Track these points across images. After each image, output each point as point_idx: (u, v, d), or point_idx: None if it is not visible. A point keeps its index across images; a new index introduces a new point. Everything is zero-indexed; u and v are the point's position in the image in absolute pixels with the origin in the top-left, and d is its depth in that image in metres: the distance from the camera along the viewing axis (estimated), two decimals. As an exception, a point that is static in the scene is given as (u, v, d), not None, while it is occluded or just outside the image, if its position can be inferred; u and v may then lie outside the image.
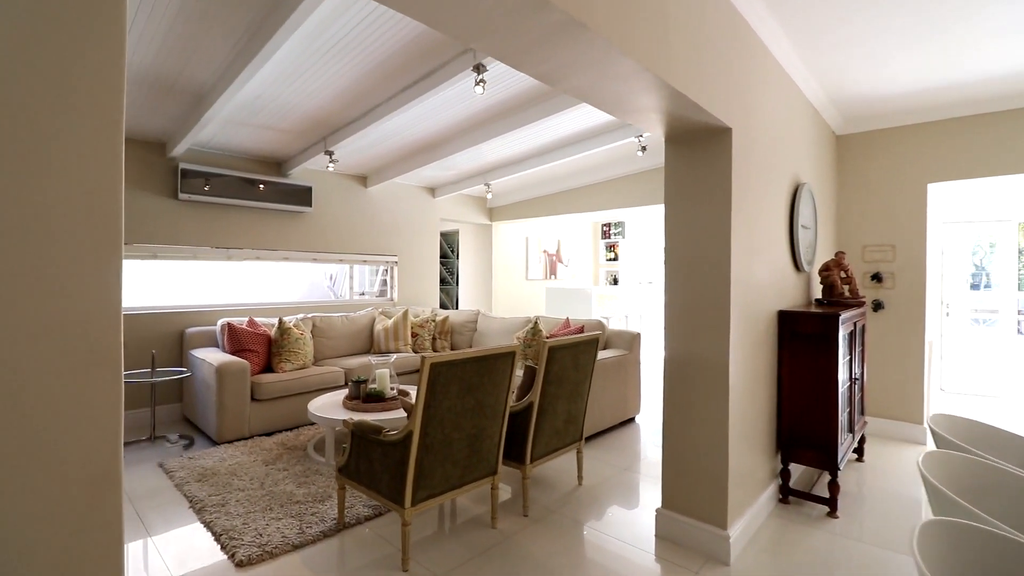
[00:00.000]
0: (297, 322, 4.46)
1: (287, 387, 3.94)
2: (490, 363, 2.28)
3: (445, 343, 5.31)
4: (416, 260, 6.18)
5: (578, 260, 8.95)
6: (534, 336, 4.25)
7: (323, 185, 5.31)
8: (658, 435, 4.05)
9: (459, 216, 6.75)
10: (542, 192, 6.48)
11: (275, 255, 4.95)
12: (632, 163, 5.47)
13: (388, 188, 5.90)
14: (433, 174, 5.74)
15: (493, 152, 5.00)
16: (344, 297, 5.79)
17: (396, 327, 5.00)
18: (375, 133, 4.26)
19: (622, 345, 4.36)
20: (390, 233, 5.91)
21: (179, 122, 3.85)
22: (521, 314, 7.72)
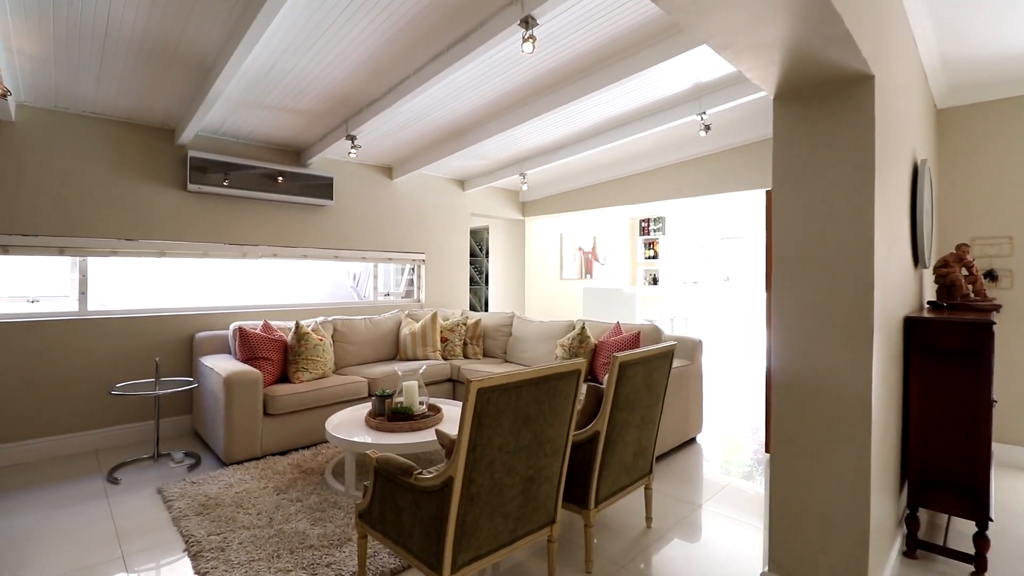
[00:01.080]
0: (316, 326, 4.03)
1: (304, 400, 3.50)
2: (551, 385, 1.77)
3: (477, 348, 4.83)
4: (445, 258, 5.71)
5: (614, 258, 8.37)
6: (581, 344, 3.72)
7: (345, 176, 4.88)
8: (724, 459, 3.47)
9: (490, 211, 6.26)
10: (580, 184, 5.94)
11: (294, 252, 4.53)
12: (686, 148, 4.88)
13: (414, 180, 5.45)
14: (463, 164, 5.26)
15: (529, 138, 4.48)
16: (368, 298, 5.36)
17: (424, 331, 4.53)
18: (401, 115, 3.80)
19: (683, 354, 3.80)
20: (417, 229, 5.45)
21: (186, 102, 3.45)
22: (556, 316, 7.19)
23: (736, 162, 4.61)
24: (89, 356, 3.58)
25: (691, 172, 4.98)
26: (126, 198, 3.73)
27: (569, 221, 7.47)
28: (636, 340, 3.57)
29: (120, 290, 4.15)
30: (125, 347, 3.71)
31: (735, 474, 3.23)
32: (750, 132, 4.42)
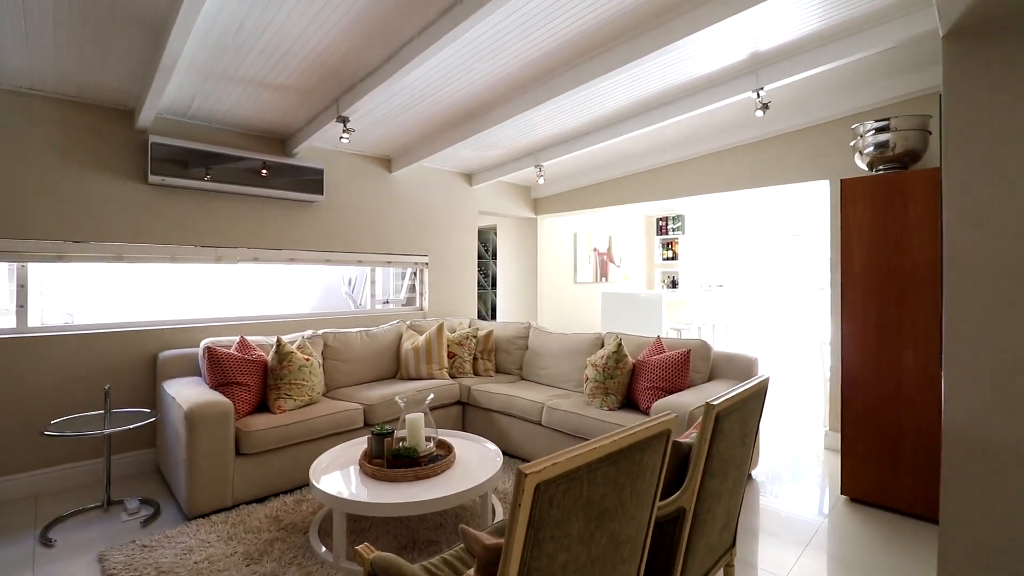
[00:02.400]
0: (303, 342, 3.42)
1: (286, 435, 2.90)
2: (634, 460, 1.18)
3: (489, 364, 4.23)
4: (450, 261, 5.11)
5: (630, 260, 7.78)
6: (618, 364, 3.13)
7: (337, 168, 4.28)
8: (791, 500, 2.88)
9: (499, 208, 5.66)
10: (602, 177, 5.34)
11: (278, 256, 3.93)
12: (730, 134, 4.28)
13: (416, 173, 4.84)
14: (471, 155, 4.66)
15: (548, 123, 3.89)
16: (365, 306, 4.75)
17: (429, 346, 3.93)
18: (401, 94, 3.20)
19: (736, 374, 3.21)
20: (419, 228, 4.85)
21: (140, 72, 2.85)
22: (571, 324, 6.59)
23: (791, 150, 4.02)
24: (29, 382, 2.97)
25: (735, 162, 4.38)
26: (74, 193, 3.12)
27: (583, 220, 6.88)
28: (686, 361, 2.98)
29: (68, 302, 3.54)
30: (73, 371, 3.10)
31: (810, 522, 2.63)
32: (808, 114, 3.82)
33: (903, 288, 2.73)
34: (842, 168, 3.74)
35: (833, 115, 3.75)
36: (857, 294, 2.88)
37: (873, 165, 2.95)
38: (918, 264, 2.68)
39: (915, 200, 2.69)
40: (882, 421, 2.80)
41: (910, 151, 2.82)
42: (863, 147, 2.95)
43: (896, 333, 2.75)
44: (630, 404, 3.20)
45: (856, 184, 2.88)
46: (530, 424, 3.38)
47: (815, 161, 3.88)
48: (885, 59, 3.16)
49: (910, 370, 2.72)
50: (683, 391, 2.95)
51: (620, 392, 3.13)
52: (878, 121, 2.87)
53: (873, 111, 3.57)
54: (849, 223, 2.90)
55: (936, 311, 2.63)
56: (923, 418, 2.68)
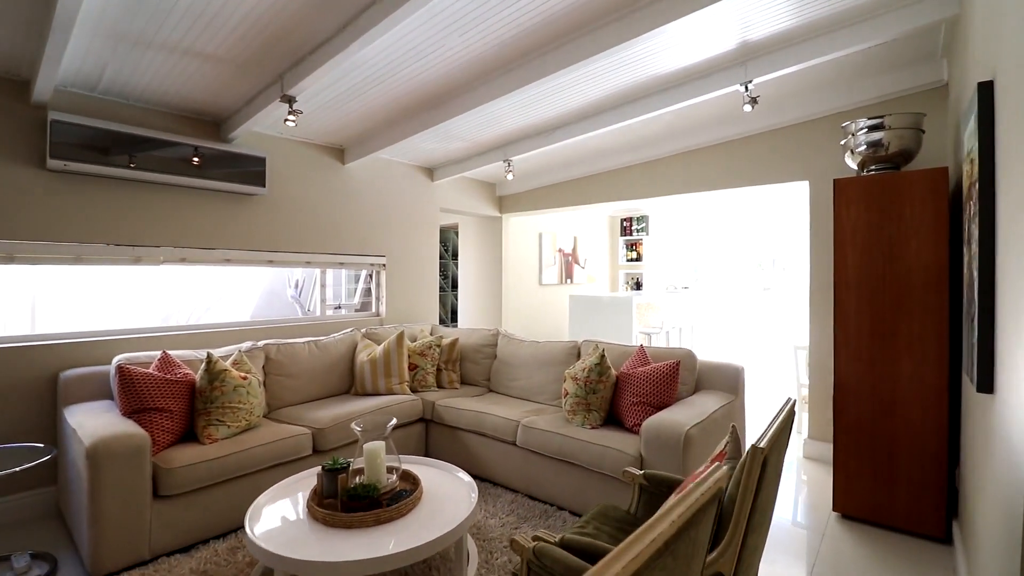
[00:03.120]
0: (240, 356, 2.95)
1: (217, 470, 2.45)
2: (690, 540, 0.87)
3: (453, 375, 3.88)
4: (410, 262, 4.71)
5: (595, 261, 7.60)
6: (600, 377, 2.85)
7: (282, 157, 3.80)
8: (789, 522, 2.69)
9: (463, 205, 5.30)
10: (572, 174, 5.08)
11: (211, 256, 3.42)
12: (710, 130, 4.11)
13: (373, 165, 4.42)
14: (433, 147, 4.29)
15: (516, 115, 3.58)
16: (314, 313, 4.28)
17: (387, 357, 3.53)
18: (356, 74, 2.80)
19: (722, 385, 3.01)
20: (376, 226, 4.42)
21: (33, 31, 2.32)
22: (537, 328, 6.31)
23: (769, 150, 3.88)
24: None
25: (710, 162, 4.22)
26: (-55, 177, 2.54)
27: (549, 219, 6.62)
28: (675, 374, 2.74)
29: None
30: (-57, 396, 2.52)
31: (804, 541, 2.44)
32: (786, 113, 3.69)
33: (899, 294, 2.59)
34: (821, 168, 3.63)
35: (811, 114, 3.64)
36: (850, 300, 2.73)
37: (865, 165, 2.82)
38: (915, 269, 2.55)
39: (912, 202, 2.56)
40: (876, 434, 2.66)
41: (904, 151, 2.69)
42: (855, 146, 2.81)
43: (891, 341, 2.61)
44: (613, 420, 2.93)
45: (850, 184, 2.73)
46: (503, 444, 3.06)
47: (793, 161, 3.76)
48: (865, 57, 3.04)
49: (906, 380, 2.58)
50: (672, 406, 2.71)
51: (603, 408, 2.86)
52: (871, 119, 2.73)
53: (854, 111, 3.47)
54: (843, 225, 2.75)
55: (934, 318, 2.50)
56: (919, 431, 2.55)
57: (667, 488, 1.89)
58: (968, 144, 1.85)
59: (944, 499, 2.50)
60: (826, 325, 3.59)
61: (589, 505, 2.65)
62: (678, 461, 2.34)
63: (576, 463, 2.67)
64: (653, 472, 1.92)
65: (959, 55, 2.49)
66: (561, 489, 2.76)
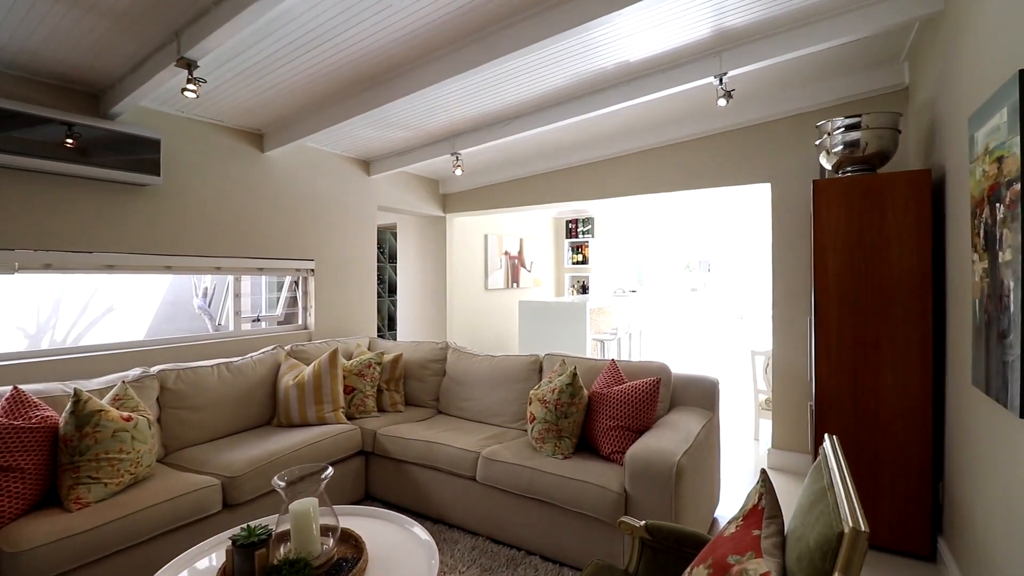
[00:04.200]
0: (123, 390, 2.33)
1: (90, 546, 1.85)
2: None
3: (397, 395, 3.40)
4: (344, 267, 4.15)
5: (540, 264, 7.32)
6: (572, 399, 2.50)
7: (183, 140, 3.15)
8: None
9: (403, 203, 4.80)
10: (524, 172, 4.73)
11: (87, 262, 2.73)
12: (671, 129, 3.90)
13: (299, 154, 3.83)
14: (371, 136, 3.78)
15: (468, 100, 3.19)
16: (227, 328, 3.62)
17: (318, 380, 3.00)
18: (279, 35, 2.28)
19: (698, 401, 2.77)
20: (303, 225, 3.84)
21: None
22: (484, 337, 5.92)
23: (734, 149, 3.73)
24: None
25: (671, 162, 4.02)
26: None
27: (494, 220, 6.25)
28: (655, 393, 2.45)
29: None
30: None
31: None
32: (747, 112, 3.55)
33: (882, 301, 2.46)
34: (783, 170, 3.53)
35: (773, 114, 3.52)
36: (831, 307, 2.57)
37: (841, 166, 2.68)
38: (898, 275, 2.43)
39: (895, 205, 2.43)
40: (859, 449, 2.52)
41: (881, 152, 2.57)
42: (831, 146, 2.67)
43: (874, 351, 2.48)
44: (586, 446, 2.61)
45: (830, 186, 2.57)
46: (460, 480, 2.64)
47: (755, 163, 3.63)
48: (827, 58, 2.94)
49: (889, 392, 2.46)
50: (652, 429, 2.42)
51: (575, 433, 2.52)
52: (848, 118, 2.60)
53: (815, 112, 3.39)
54: (823, 229, 2.59)
55: (918, 327, 2.39)
56: (903, 445, 2.43)
57: (675, 543, 1.57)
58: (986, 141, 1.69)
59: (929, 515, 2.39)
60: (790, 332, 3.49)
61: (564, 549, 2.30)
62: (669, 496, 2.05)
63: (549, 501, 2.31)
64: (659, 524, 1.59)
65: (935, 55, 2.40)
66: (531, 531, 2.39)
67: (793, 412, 3.48)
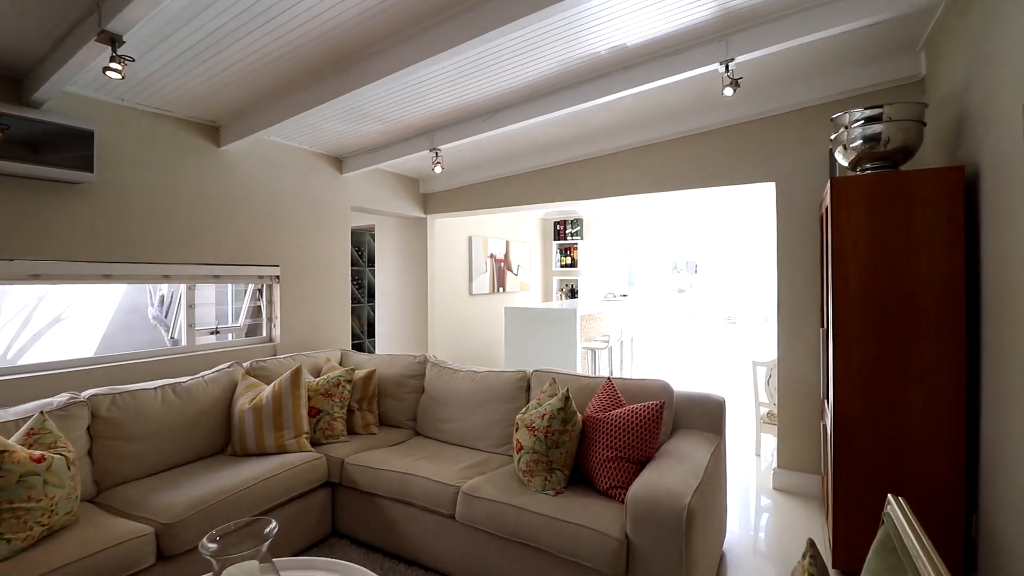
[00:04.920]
0: (40, 423, 1.98)
1: (-27, 624, 1.51)
2: None
3: (370, 415, 3.08)
4: (313, 273, 3.81)
5: (527, 267, 7.03)
6: (565, 426, 2.21)
7: (123, 131, 2.80)
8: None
9: (380, 204, 4.47)
10: (511, 170, 4.43)
11: (7, 271, 2.37)
12: (667, 124, 3.62)
13: (261, 150, 3.49)
14: (341, 129, 3.45)
15: (448, 88, 2.88)
16: (180, 342, 3.26)
17: (278, 402, 2.67)
18: (222, 5, 1.95)
19: (703, 423, 2.50)
20: (266, 228, 3.50)
21: None
22: (470, 346, 5.60)
23: (735, 146, 3.47)
24: None
25: (668, 160, 3.75)
26: None
27: (479, 222, 5.94)
28: (658, 419, 2.16)
29: None
30: None
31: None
32: (757, 104, 3.28)
33: (909, 311, 2.20)
34: (788, 169, 3.28)
35: (776, 108, 3.27)
36: (851, 319, 2.31)
37: (859, 163, 2.43)
38: (927, 282, 2.17)
39: (924, 205, 2.18)
40: (883, 477, 2.26)
41: (905, 147, 2.32)
42: (849, 140, 2.41)
43: (900, 367, 2.23)
44: (580, 476, 2.31)
45: (851, 185, 2.31)
46: (438, 517, 2.33)
47: (758, 160, 3.38)
48: (836, 48, 2.70)
49: (917, 413, 2.20)
50: (655, 460, 2.14)
51: (568, 464, 2.23)
52: (869, 109, 2.34)
53: (823, 106, 3.14)
54: (842, 233, 2.33)
55: (949, 342, 2.13)
56: (932, 474, 2.17)
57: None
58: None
59: (961, 552, 2.14)
60: (798, 343, 3.24)
61: (556, 600, 2.00)
62: (679, 544, 1.76)
63: (538, 547, 2.01)
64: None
65: (963, 40, 2.16)
66: (518, 579, 2.09)
67: (800, 429, 3.23)
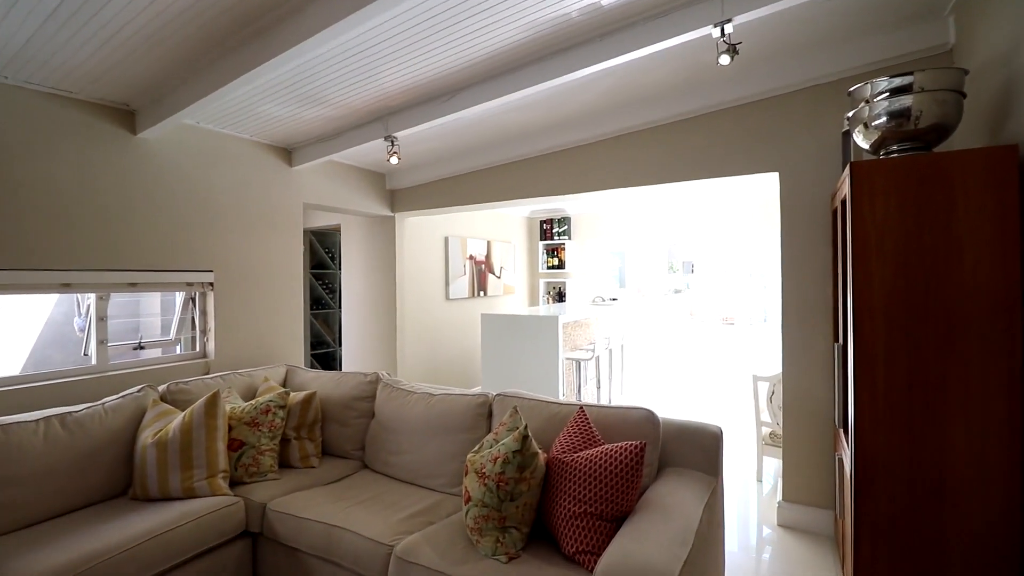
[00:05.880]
0: None
1: None
2: None
3: (311, 445, 2.64)
4: (255, 279, 3.37)
5: (511, 269, 6.59)
6: (522, 473, 1.76)
7: (7, 114, 2.35)
8: None
9: (340, 201, 4.03)
10: (483, 163, 3.99)
11: None
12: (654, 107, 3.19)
13: (190, 138, 3.04)
14: (281, 113, 3.01)
15: (402, 59, 2.45)
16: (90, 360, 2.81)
17: (186, 436, 2.22)
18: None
19: (695, 460, 2.07)
20: (196, 227, 3.05)
21: None
22: (446, 358, 5.16)
23: (737, 130, 3.03)
24: None
25: (657, 148, 3.32)
26: None
27: (457, 221, 5.50)
28: (638, 464, 1.72)
29: None
30: None
31: None
32: (759, 82, 2.85)
33: (950, 325, 1.78)
34: (795, 156, 2.85)
35: (779, 87, 2.84)
36: (877, 333, 1.88)
37: (883, 144, 2.00)
38: (973, 289, 1.75)
39: (968, 194, 1.75)
40: (917, 528, 1.84)
41: (940, 124, 1.89)
42: (871, 117, 1.98)
43: (938, 394, 1.80)
44: (542, 532, 1.87)
45: (876, 171, 1.88)
46: (369, 582, 1.89)
47: (760, 147, 2.95)
48: (849, 13, 2.27)
49: (959, 451, 1.77)
50: (634, 515, 1.70)
51: (526, 520, 1.79)
52: (897, 77, 1.91)
53: (835, 82, 2.72)
54: (865, 229, 1.90)
55: (1001, 364, 1.71)
56: (979, 524, 1.75)
57: None
58: None
59: (1017, 624, 1.71)
60: (806, 358, 2.81)
61: None
62: (661, 642, 1.32)
63: (485, 632, 1.57)
64: None
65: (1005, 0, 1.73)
66: (462, 669, 1.65)
67: (809, 457, 2.80)
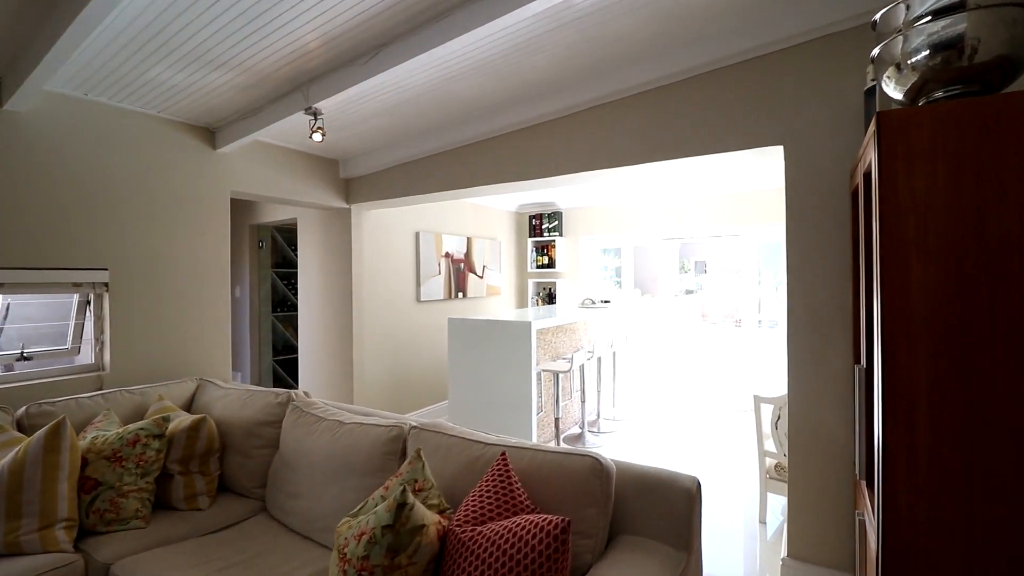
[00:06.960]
0: None
1: None
2: None
3: (201, 482, 2.15)
4: (168, 280, 2.89)
5: (497, 268, 6.07)
6: (393, 557, 1.24)
7: None
8: None
9: (280, 190, 3.55)
10: (447, 143, 3.47)
11: None
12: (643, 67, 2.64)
13: (77, 113, 2.58)
14: (177, 81, 2.52)
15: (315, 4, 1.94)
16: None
17: (16, 477, 1.74)
18: None
19: (661, 528, 1.53)
20: (86, 219, 2.59)
21: None
22: (414, 365, 4.66)
23: (732, 95, 2.47)
24: None
25: (636, 119, 2.77)
26: None
27: (431, 214, 5.00)
28: (559, 549, 1.18)
29: None
30: None
31: None
32: (765, 31, 2.29)
33: (1020, 330, 1.22)
34: (803, 126, 2.28)
35: (785, 37, 2.27)
36: (916, 359, 1.32)
37: (924, 90, 1.43)
38: (1063, 298, 1.18)
39: (1053, 153, 1.19)
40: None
41: (1007, 55, 1.32)
42: (906, 53, 1.42)
43: (1008, 442, 1.24)
44: (442, 628, 1.35)
45: (914, 122, 1.33)
46: None
47: (759, 116, 2.38)
48: None
49: (1040, 535, 1.21)
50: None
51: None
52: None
53: (856, 30, 2.15)
54: (899, 208, 1.34)
55: (1108, 406, 1.14)
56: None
57: None
58: None
59: None
60: (816, 379, 2.24)
61: None
62: None
63: None
64: None
65: None
66: None
67: (820, 504, 2.23)
